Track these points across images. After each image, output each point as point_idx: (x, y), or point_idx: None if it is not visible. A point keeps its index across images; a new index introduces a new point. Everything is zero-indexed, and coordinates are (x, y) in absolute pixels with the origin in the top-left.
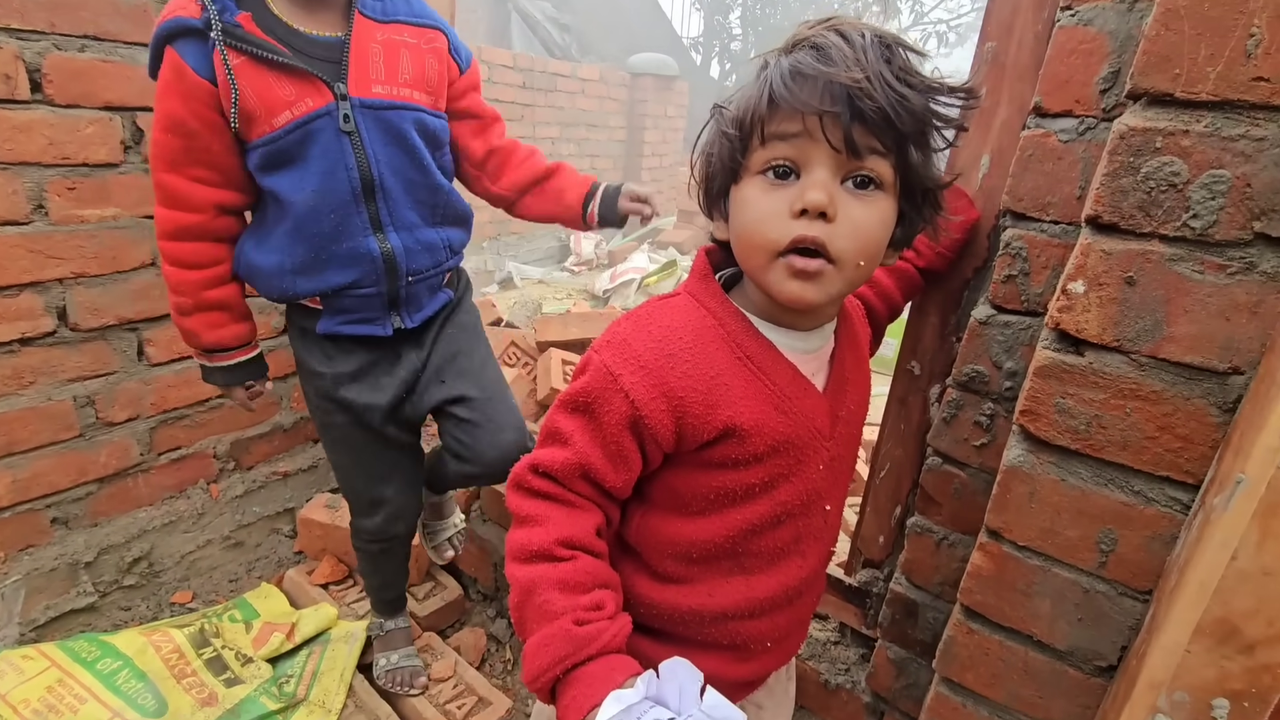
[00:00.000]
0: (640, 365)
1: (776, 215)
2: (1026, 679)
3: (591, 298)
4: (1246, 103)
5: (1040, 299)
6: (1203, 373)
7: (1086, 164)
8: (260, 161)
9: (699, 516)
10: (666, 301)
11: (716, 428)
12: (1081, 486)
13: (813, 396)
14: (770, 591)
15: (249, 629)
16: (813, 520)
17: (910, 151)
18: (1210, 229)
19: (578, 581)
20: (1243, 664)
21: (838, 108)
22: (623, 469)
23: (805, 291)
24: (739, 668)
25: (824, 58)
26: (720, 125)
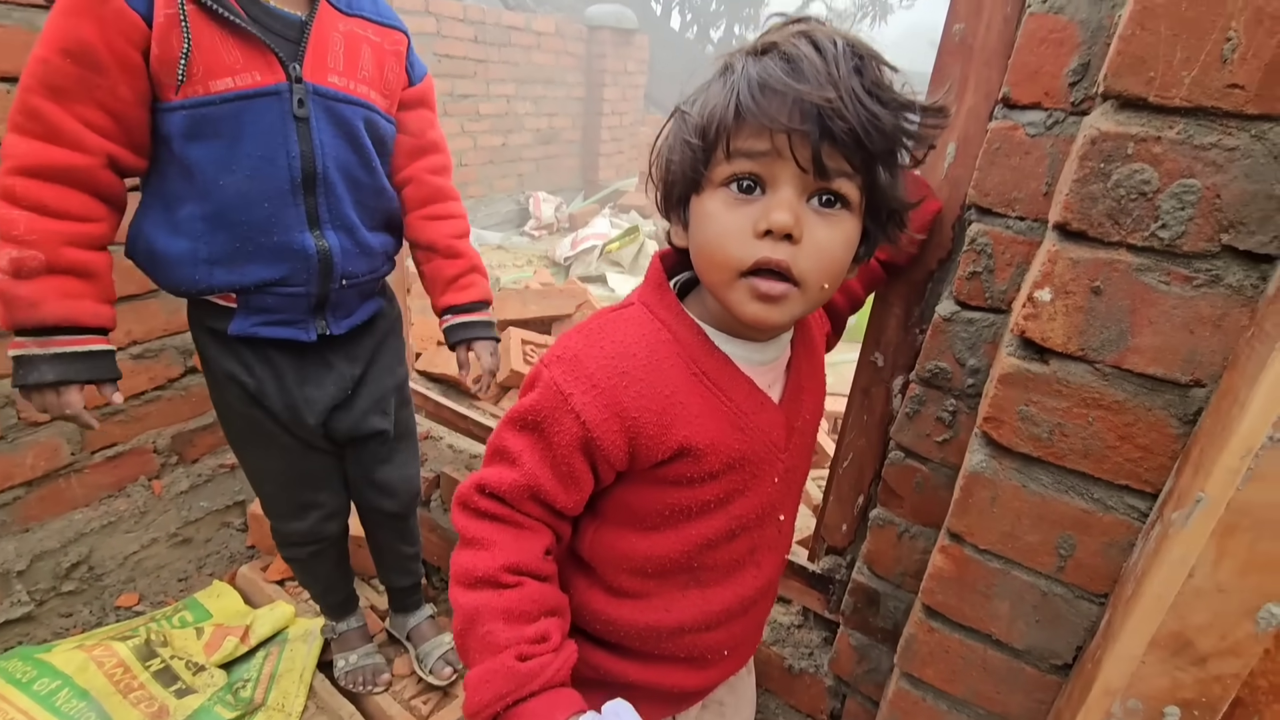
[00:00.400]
0: (592, 384)
1: (740, 234)
2: (985, 675)
3: (552, 264)
4: (1220, 110)
5: (1004, 296)
6: (1165, 384)
7: (1054, 159)
8: (183, 126)
9: (653, 532)
10: (620, 314)
11: (671, 448)
12: (1042, 493)
13: (769, 410)
14: (726, 603)
15: (200, 634)
16: (767, 531)
17: (879, 172)
18: (1178, 240)
19: (523, 611)
20: (1195, 675)
21: (807, 126)
22: (573, 489)
23: (768, 314)
24: (697, 677)
25: (795, 71)
26: (682, 132)
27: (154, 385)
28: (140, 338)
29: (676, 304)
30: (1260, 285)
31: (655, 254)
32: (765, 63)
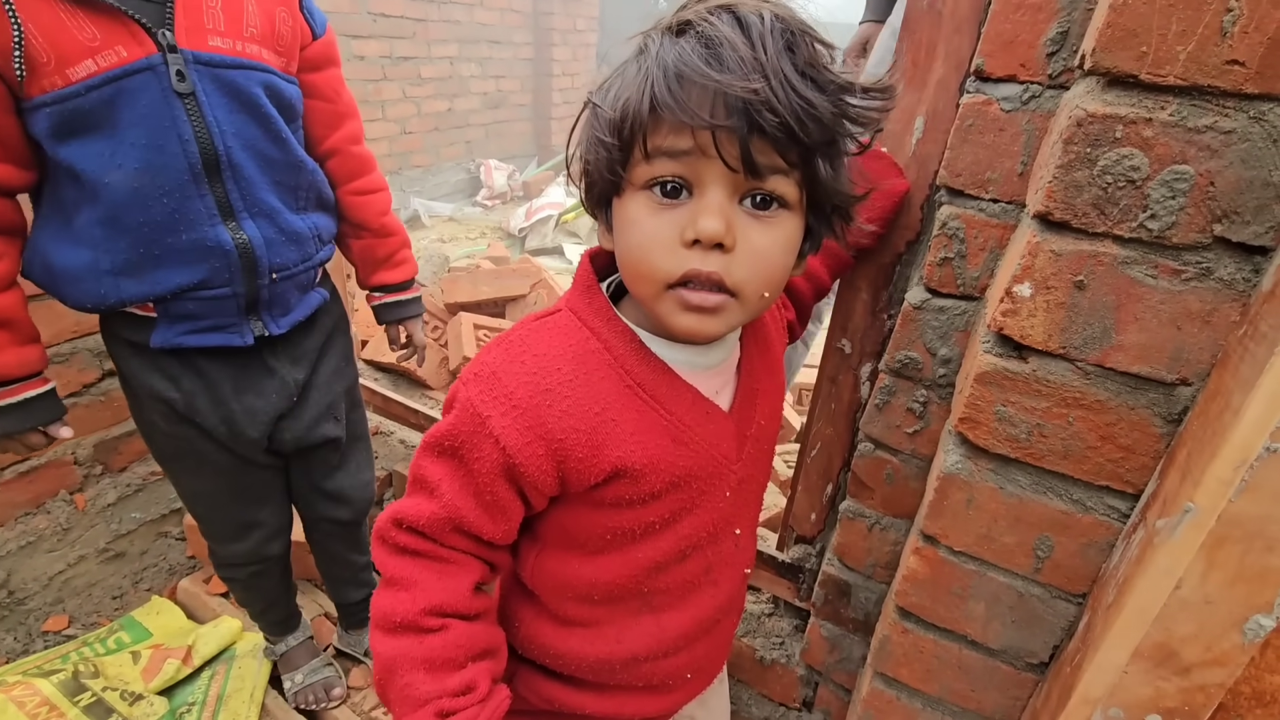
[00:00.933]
0: (512, 405)
1: (665, 243)
2: (960, 674)
3: (507, 236)
4: (1217, 89)
5: (977, 282)
6: (1149, 383)
7: (1029, 136)
8: (50, 126)
9: (597, 556)
10: (544, 322)
11: (604, 470)
12: (1020, 494)
13: (716, 420)
14: (683, 628)
15: (137, 658)
16: (722, 547)
17: (818, 165)
18: (1168, 231)
19: (447, 659)
20: (1178, 684)
21: (733, 121)
22: (500, 519)
23: (702, 326)
24: (659, 702)
25: (715, 58)
26: (595, 129)
27: (68, 392)
28: (48, 341)
29: (607, 308)
30: (1253, 279)
31: (585, 253)
32: (682, 46)
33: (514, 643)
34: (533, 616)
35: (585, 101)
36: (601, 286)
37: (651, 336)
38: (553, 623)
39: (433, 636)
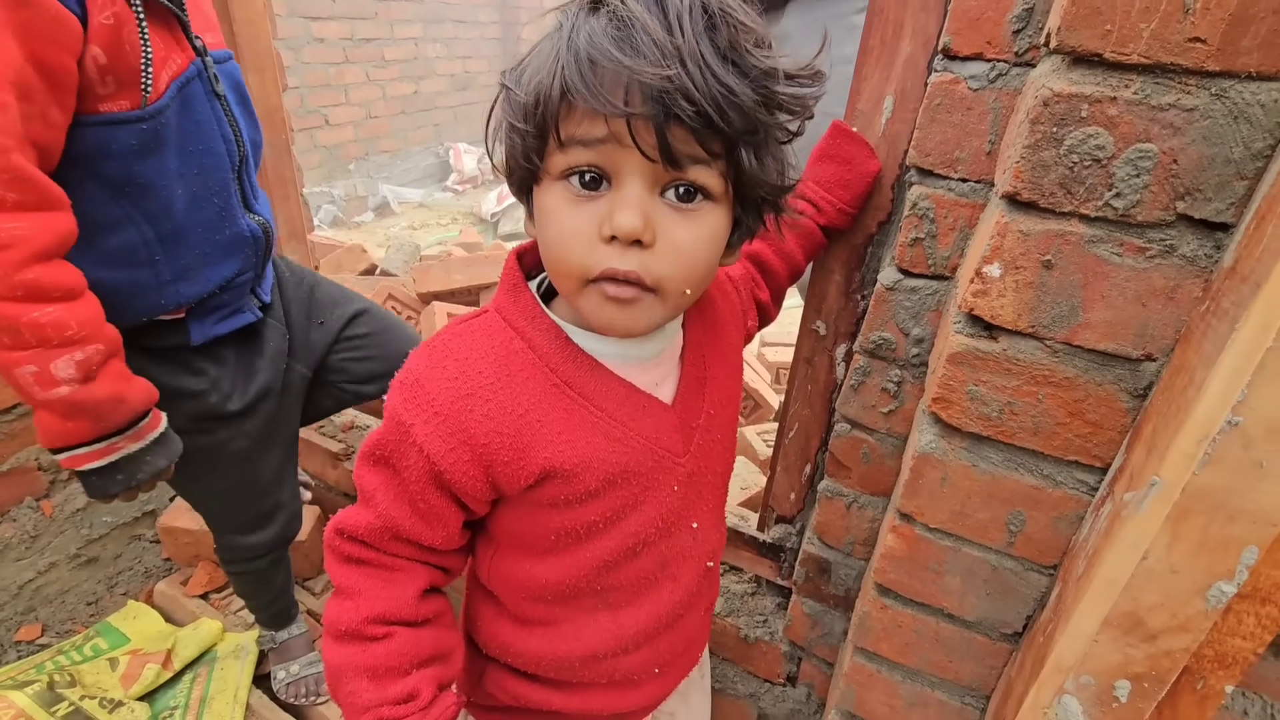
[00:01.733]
0: (434, 412)
1: (583, 237)
2: (938, 646)
3: (479, 221)
4: (1179, 67)
5: (947, 262)
6: (1115, 359)
7: (997, 115)
8: (137, 143)
9: (546, 556)
10: (469, 325)
11: (533, 472)
12: (992, 471)
13: (655, 413)
14: (641, 624)
15: (114, 665)
16: (678, 542)
17: (741, 155)
18: (1133, 209)
19: (389, 667)
20: (1146, 651)
21: (648, 108)
22: (437, 525)
23: (623, 319)
24: (629, 698)
25: (627, 41)
26: (509, 114)
27: None
28: None
29: (533, 306)
30: (1215, 255)
31: (512, 251)
32: (591, 26)
33: (478, 642)
34: (493, 616)
35: (500, 85)
36: (531, 285)
37: (581, 331)
38: (512, 622)
39: (376, 645)
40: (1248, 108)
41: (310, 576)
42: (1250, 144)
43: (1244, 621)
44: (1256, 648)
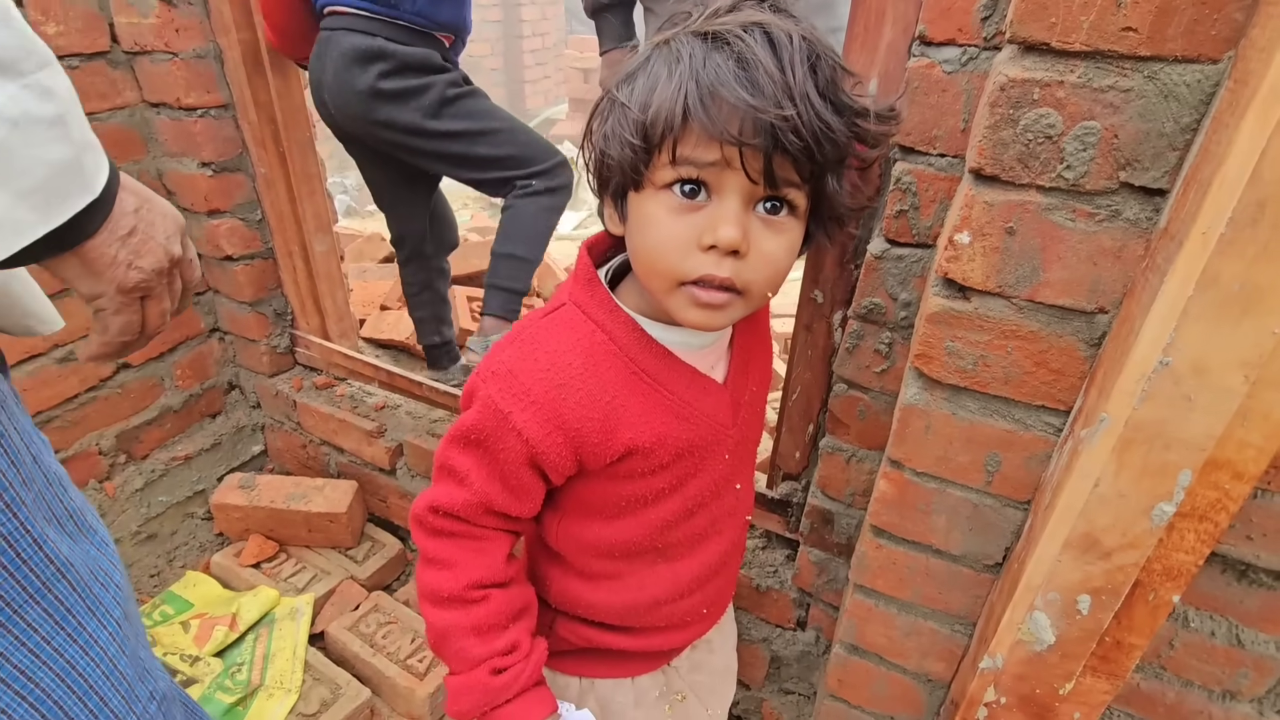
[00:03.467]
0: (531, 400)
1: (683, 244)
2: (928, 580)
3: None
4: (1116, 53)
5: (930, 231)
6: (1073, 313)
7: (969, 96)
8: None
9: (615, 520)
10: (552, 319)
11: (618, 450)
12: (970, 418)
13: (714, 393)
14: (695, 572)
15: (186, 628)
16: (725, 501)
17: (828, 181)
18: (1082, 179)
19: (492, 625)
20: (1102, 567)
21: (759, 140)
22: (526, 499)
23: (710, 320)
24: (682, 635)
25: (750, 80)
26: (621, 129)
27: (85, 387)
28: (61, 340)
29: (609, 300)
30: (1154, 218)
31: (582, 245)
32: (716, 61)
33: (548, 598)
34: (561, 575)
35: (606, 94)
36: (600, 274)
37: (651, 322)
38: (580, 578)
39: (477, 607)
40: (1176, 87)
41: (351, 546)
42: (1179, 119)
43: (1185, 537)
44: (1197, 560)
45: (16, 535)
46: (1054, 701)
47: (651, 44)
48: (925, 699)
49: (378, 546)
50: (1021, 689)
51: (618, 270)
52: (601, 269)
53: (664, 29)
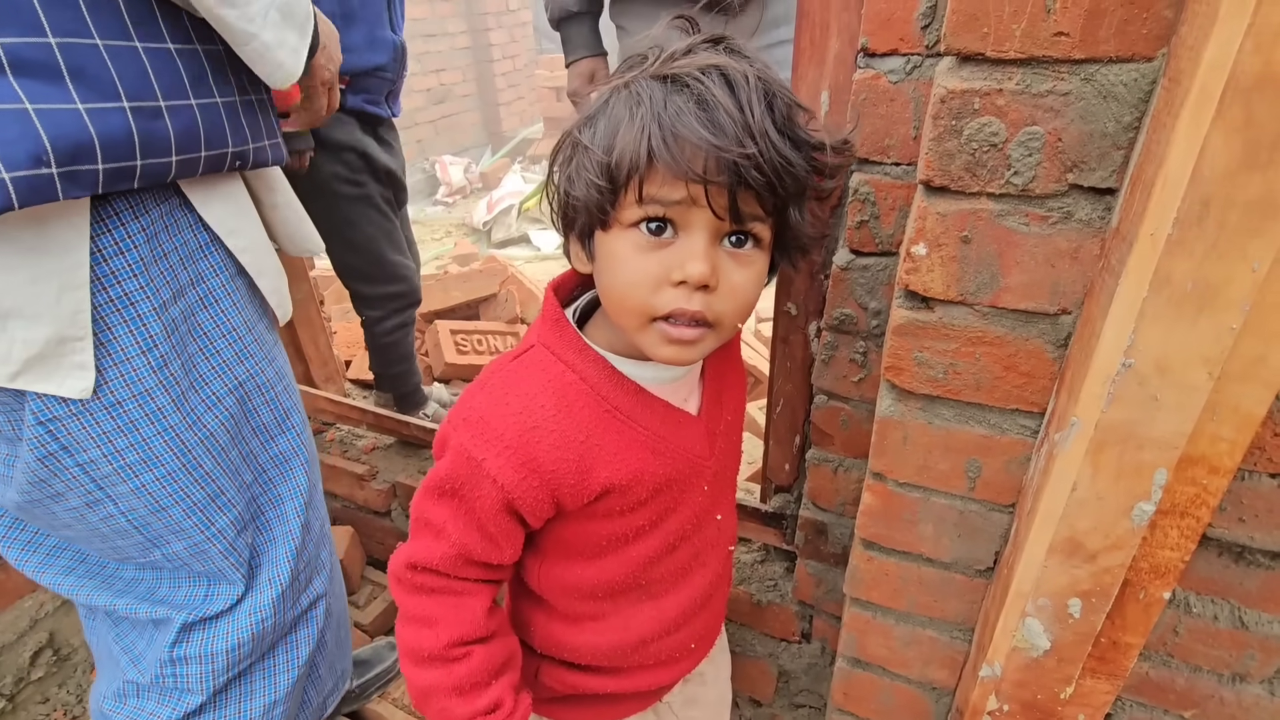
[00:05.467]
0: (504, 445)
1: (652, 281)
2: (922, 589)
3: (471, 231)
4: (1050, 58)
5: (892, 239)
6: (1036, 316)
7: (918, 103)
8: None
9: (596, 560)
10: (521, 361)
11: (594, 490)
12: (946, 426)
13: (688, 426)
14: (681, 607)
15: None
16: (707, 533)
17: (790, 213)
18: (1030, 184)
19: (474, 683)
20: (1088, 570)
21: (723, 178)
22: (506, 545)
23: (683, 355)
24: (671, 672)
25: (711, 121)
26: (585, 171)
27: None
28: None
29: (577, 340)
30: (1106, 217)
31: (548, 286)
32: (676, 103)
33: (532, 644)
34: (545, 619)
35: (566, 137)
36: (568, 312)
37: (622, 359)
38: (564, 621)
39: (458, 665)
40: (1113, 87)
41: (351, 592)
42: (1120, 118)
43: (1169, 534)
44: (1184, 556)
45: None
46: (1056, 706)
47: (610, 87)
48: (932, 707)
49: (378, 590)
50: (1023, 695)
51: (585, 309)
52: (569, 308)
53: (620, 72)
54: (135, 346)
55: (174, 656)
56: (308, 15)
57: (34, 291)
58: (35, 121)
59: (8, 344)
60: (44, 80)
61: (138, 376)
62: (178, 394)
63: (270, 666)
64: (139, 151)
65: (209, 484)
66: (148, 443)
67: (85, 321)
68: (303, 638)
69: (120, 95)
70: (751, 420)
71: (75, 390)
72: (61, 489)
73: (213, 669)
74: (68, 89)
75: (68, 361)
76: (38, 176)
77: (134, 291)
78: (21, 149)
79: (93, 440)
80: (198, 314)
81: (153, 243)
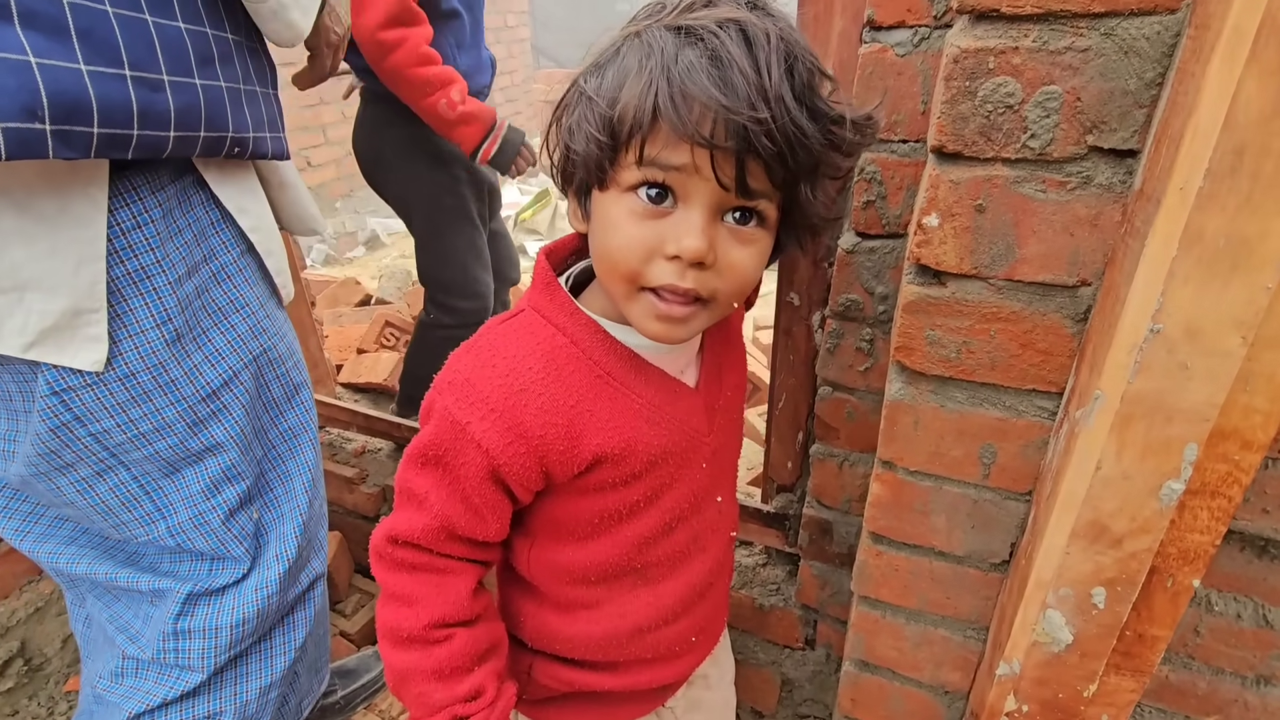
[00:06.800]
0: (489, 409)
1: (646, 250)
2: (934, 584)
3: None
4: (1069, 12)
5: (900, 220)
6: (1054, 289)
7: (926, 76)
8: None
9: (589, 540)
10: (510, 324)
11: (585, 459)
12: (959, 409)
13: (685, 397)
14: (679, 594)
15: None
16: (706, 515)
17: (800, 189)
18: (1048, 147)
19: (455, 667)
20: (1114, 556)
21: (731, 143)
22: (492, 518)
23: (672, 333)
24: (671, 669)
25: (723, 80)
26: (587, 123)
27: None
28: None
29: (569, 303)
30: (1128, 180)
31: (541, 251)
32: (688, 57)
33: (523, 637)
34: (536, 609)
35: (576, 92)
36: (561, 280)
37: (615, 325)
38: (556, 610)
39: (439, 648)
40: (1135, 42)
41: (338, 600)
42: (1142, 75)
43: (1199, 516)
44: (1214, 540)
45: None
46: (1079, 705)
47: (622, 34)
48: (945, 712)
49: (366, 599)
50: (1043, 694)
51: (581, 278)
52: (564, 275)
53: (637, 18)
54: (150, 320)
55: (177, 629)
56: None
57: (53, 263)
58: (35, 74)
59: (24, 315)
60: (50, 36)
61: (152, 349)
62: (190, 367)
63: (267, 649)
64: (136, 121)
65: (220, 455)
66: (160, 412)
67: (101, 294)
68: (300, 619)
69: (124, 63)
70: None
71: (89, 362)
72: (71, 459)
73: (215, 645)
74: (73, 48)
75: (82, 334)
76: (30, 130)
77: (150, 265)
78: (17, 100)
79: (106, 411)
80: (211, 289)
81: (168, 218)
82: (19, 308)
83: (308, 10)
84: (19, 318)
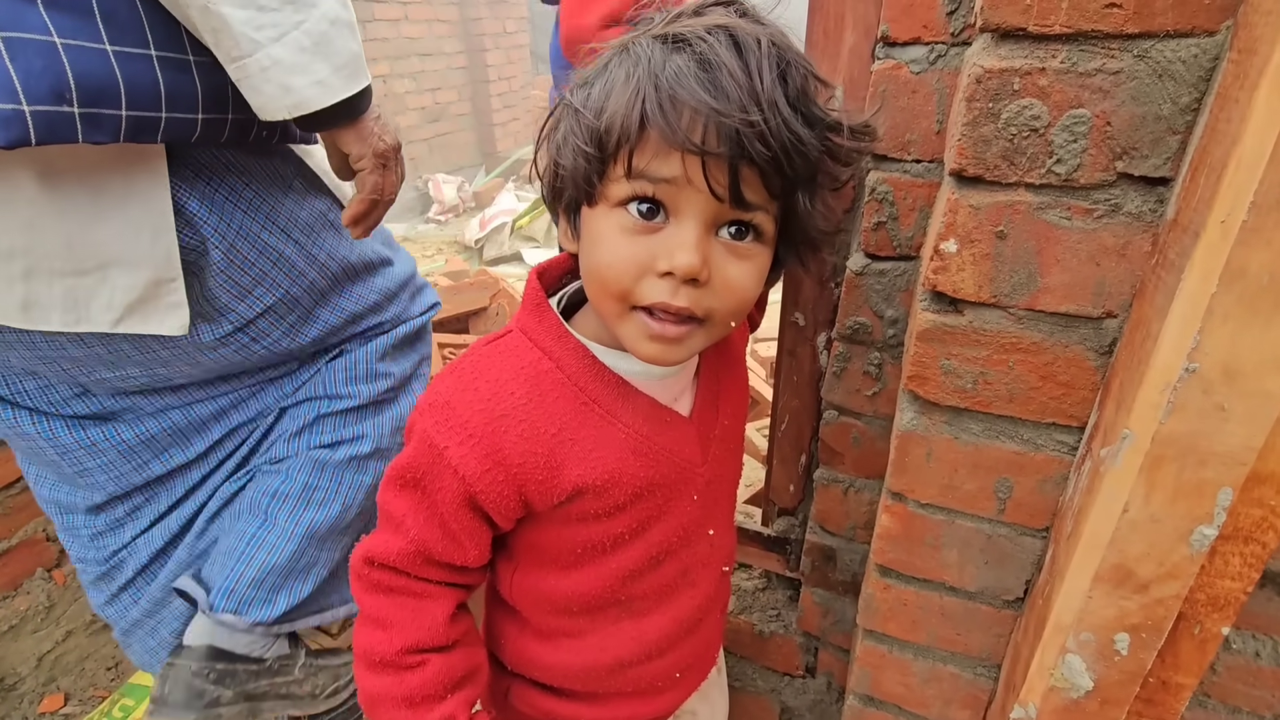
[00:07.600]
0: (468, 434)
1: (637, 268)
2: (944, 620)
3: (464, 249)
4: (1100, 33)
5: (911, 242)
6: (1078, 320)
7: (941, 95)
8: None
9: (572, 570)
10: (495, 346)
11: (565, 489)
12: (975, 441)
13: (677, 426)
14: (665, 630)
15: None
16: (697, 549)
17: (798, 199)
18: (1075, 173)
19: (426, 695)
20: (1139, 601)
21: (723, 149)
22: (470, 544)
23: (666, 354)
24: (653, 704)
25: (712, 83)
26: (574, 135)
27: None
28: None
29: (557, 325)
30: (1159, 209)
31: (532, 271)
32: (676, 63)
33: (503, 659)
34: (517, 633)
35: (563, 105)
36: (552, 302)
37: (606, 350)
38: (537, 637)
39: (411, 675)
40: (1170, 65)
41: None
42: (1177, 99)
43: (1230, 562)
44: (1246, 587)
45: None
46: None
47: (611, 50)
48: None
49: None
50: None
51: (574, 300)
52: (556, 296)
53: (628, 34)
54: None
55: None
56: (358, 68)
57: (132, 239)
58: (61, 55)
59: (109, 292)
60: (75, 16)
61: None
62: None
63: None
64: (164, 103)
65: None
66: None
67: (176, 262)
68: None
69: (149, 43)
70: (748, 442)
71: (174, 328)
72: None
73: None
74: (98, 29)
75: (164, 302)
76: (58, 114)
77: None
78: (45, 82)
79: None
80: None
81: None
82: (103, 286)
83: (325, 85)
84: (104, 295)
